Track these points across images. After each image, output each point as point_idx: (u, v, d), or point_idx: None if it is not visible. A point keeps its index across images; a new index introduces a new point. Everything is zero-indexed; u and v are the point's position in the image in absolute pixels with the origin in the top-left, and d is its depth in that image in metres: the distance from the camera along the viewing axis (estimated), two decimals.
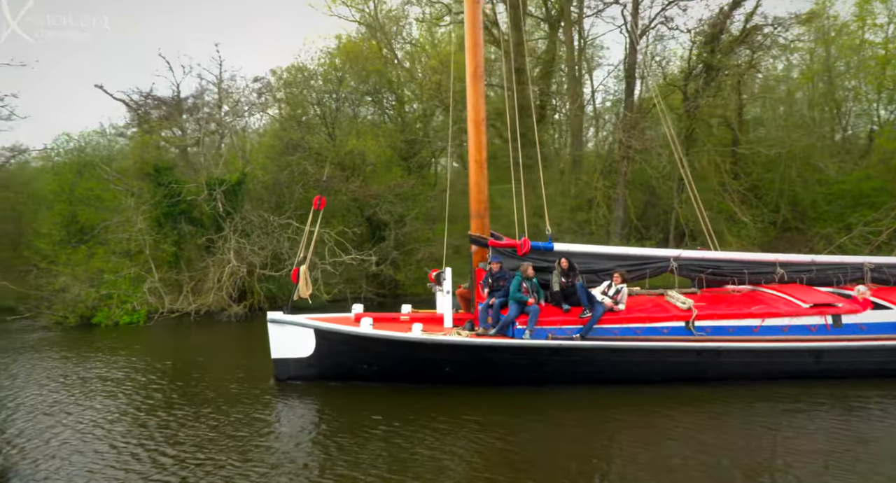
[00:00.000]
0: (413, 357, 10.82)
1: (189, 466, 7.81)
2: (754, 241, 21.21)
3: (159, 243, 17.50)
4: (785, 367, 10.54)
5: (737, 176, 22.91)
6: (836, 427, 8.66)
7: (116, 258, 17.34)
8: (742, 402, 9.69)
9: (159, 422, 9.47)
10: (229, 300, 16.80)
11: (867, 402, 9.62)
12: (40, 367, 12.96)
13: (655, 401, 9.76)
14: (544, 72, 24.14)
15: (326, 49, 22.01)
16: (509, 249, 11.96)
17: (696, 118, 22.34)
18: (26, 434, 9.11)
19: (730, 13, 22.16)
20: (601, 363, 10.58)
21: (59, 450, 8.48)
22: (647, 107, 23.99)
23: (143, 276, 17.22)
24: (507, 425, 8.95)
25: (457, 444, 8.30)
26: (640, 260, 12.32)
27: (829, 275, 12.30)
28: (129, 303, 16.41)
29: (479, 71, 12.14)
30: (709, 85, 21.88)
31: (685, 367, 10.55)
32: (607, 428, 8.89)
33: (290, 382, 11.21)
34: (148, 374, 12.22)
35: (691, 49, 23.11)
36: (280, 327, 11.26)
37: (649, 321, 10.86)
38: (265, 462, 7.85)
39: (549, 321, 10.91)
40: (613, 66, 27.04)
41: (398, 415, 9.44)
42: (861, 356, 10.52)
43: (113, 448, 8.49)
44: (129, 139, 20.76)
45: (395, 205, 18.79)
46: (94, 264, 17.66)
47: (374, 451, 8.12)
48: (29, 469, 7.88)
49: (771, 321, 10.80)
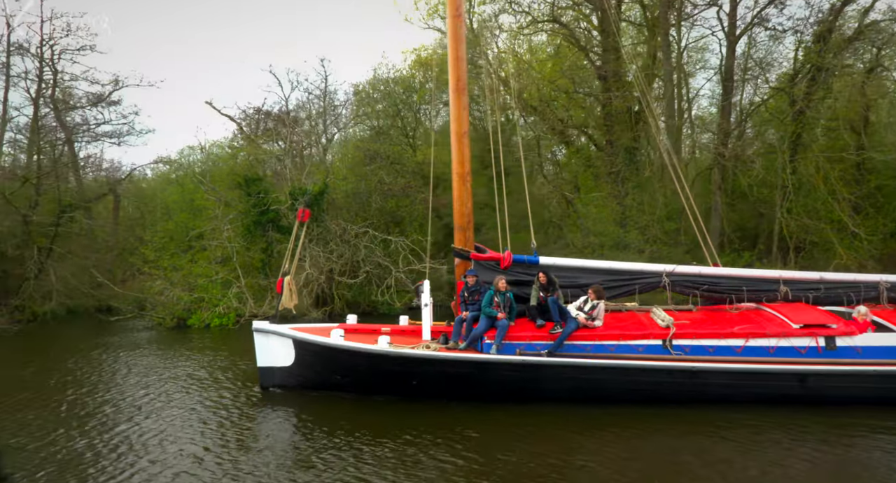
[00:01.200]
0: (380, 370, 10.69)
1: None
2: (870, 255, 19.35)
3: (249, 250, 18.47)
4: (766, 390, 9.79)
5: (852, 183, 21.05)
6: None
7: (209, 264, 18.46)
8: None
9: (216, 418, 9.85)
10: (309, 306, 17.41)
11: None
12: (140, 363, 14.03)
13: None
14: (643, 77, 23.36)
15: (406, 61, 22.50)
16: (492, 262, 11.77)
17: (803, 123, 20.81)
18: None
19: (841, 9, 20.55)
20: (568, 381, 10.13)
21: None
22: (746, 111, 22.62)
23: (233, 281, 18.21)
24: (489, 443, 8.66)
25: (419, 460, 8.10)
26: (630, 275, 11.81)
27: (839, 294, 11.34)
28: (219, 306, 17.39)
29: (461, 84, 12.24)
30: (819, 87, 20.35)
31: (657, 387, 9.97)
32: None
33: (273, 390, 11.38)
34: (225, 372, 12.93)
35: (797, 50, 21.63)
36: (264, 336, 11.44)
37: (624, 338, 10.36)
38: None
39: (519, 336, 10.62)
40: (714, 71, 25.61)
41: (371, 427, 9.33)
42: (851, 382, 9.61)
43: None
44: (230, 151, 22.16)
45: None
46: (195, 270, 18.94)
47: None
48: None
49: (756, 342, 10.08)
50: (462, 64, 12.28)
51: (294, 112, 25.27)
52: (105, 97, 27.14)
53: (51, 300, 20.50)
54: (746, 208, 22.90)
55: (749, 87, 23.48)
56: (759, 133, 22.22)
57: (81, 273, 21.08)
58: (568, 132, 23.92)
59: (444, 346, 10.82)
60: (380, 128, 20.15)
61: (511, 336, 10.58)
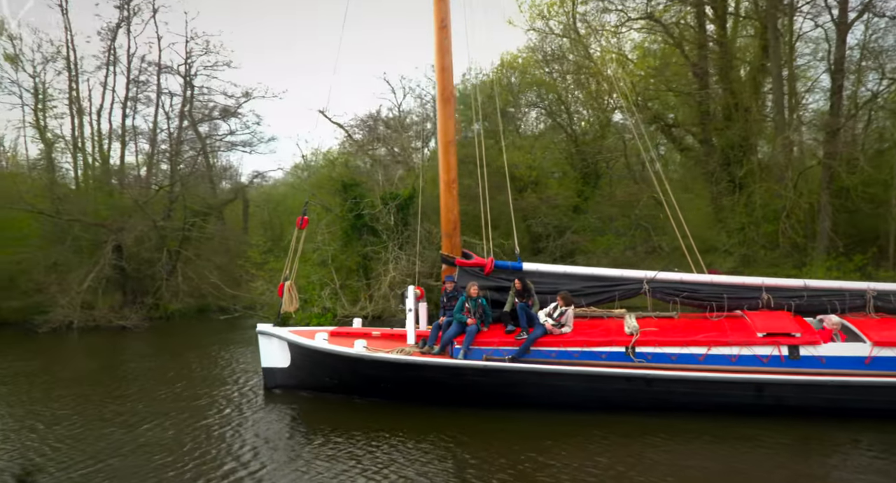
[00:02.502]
0: (357, 372, 11.06)
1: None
2: None
3: (344, 253, 19.72)
4: (725, 399, 9.64)
5: None
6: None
7: (309, 266, 19.89)
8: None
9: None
10: (397, 307, 18.32)
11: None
12: (244, 359, 15.57)
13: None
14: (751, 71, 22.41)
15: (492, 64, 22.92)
16: (477, 268, 11.95)
17: None
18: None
19: None
20: (531, 387, 10.23)
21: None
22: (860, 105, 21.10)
23: (328, 283, 19.52)
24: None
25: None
26: (611, 281, 11.81)
27: (822, 302, 10.98)
28: (315, 306, 18.72)
29: (447, 94, 12.67)
30: None
31: (617, 394, 9.92)
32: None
33: (276, 391, 11.99)
34: None
35: None
36: (267, 338, 12.00)
37: (589, 345, 10.43)
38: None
39: (487, 342, 10.79)
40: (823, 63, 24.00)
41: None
42: (809, 392, 9.41)
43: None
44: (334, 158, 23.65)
45: (551, 217, 18.91)
46: (306, 271, 20.48)
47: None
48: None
49: (718, 350, 9.98)
50: (448, 74, 12.73)
51: (405, 117, 26.70)
52: (235, 109, 29.95)
53: (178, 300, 22.93)
54: (862, 209, 21.35)
55: (864, 79, 21.86)
56: (874, 129, 20.66)
57: (207, 274, 23.33)
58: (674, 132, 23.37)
59: (419, 351, 11.09)
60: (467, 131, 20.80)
61: (482, 341, 10.80)
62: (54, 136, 27.34)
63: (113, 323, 21.53)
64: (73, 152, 27.38)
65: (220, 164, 33.21)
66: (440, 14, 12.72)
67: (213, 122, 30.83)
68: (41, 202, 23.72)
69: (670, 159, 24.58)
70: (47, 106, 27.51)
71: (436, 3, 12.83)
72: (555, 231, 19.02)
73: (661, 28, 22.08)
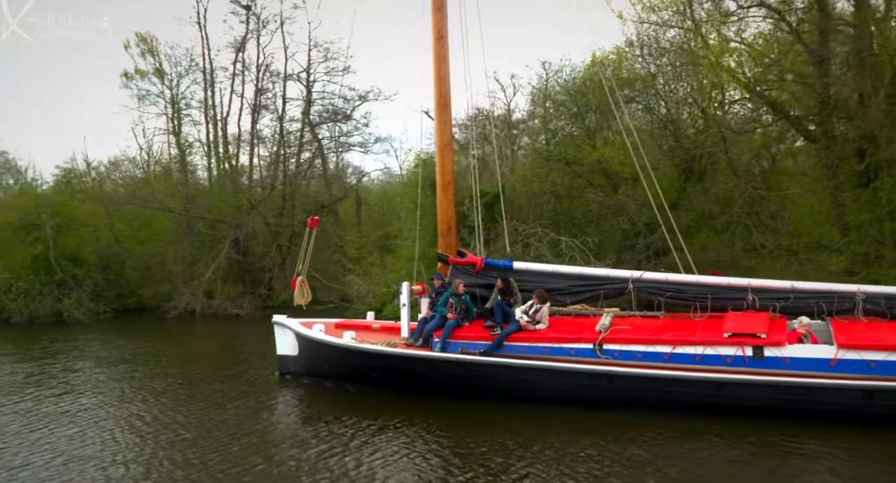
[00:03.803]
0: (347, 362, 11.87)
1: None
2: None
3: (434, 248, 20.12)
4: (683, 397, 9.68)
5: None
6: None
7: (402, 261, 20.56)
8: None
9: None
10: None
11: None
12: None
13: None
14: None
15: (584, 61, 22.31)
16: (469, 266, 12.52)
17: None
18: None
19: None
20: (501, 380, 10.61)
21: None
22: None
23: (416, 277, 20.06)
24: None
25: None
26: (597, 280, 12.14)
27: (809, 304, 10.75)
28: None
29: (443, 101, 13.22)
30: None
31: (582, 389, 10.15)
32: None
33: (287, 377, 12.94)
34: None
35: None
36: (280, 328, 13.01)
37: (559, 341, 10.72)
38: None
39: (465, 336, 11.37)
40: None
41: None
42: (766, 392, 9.34)
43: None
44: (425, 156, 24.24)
45: (641, 214, 18.20)
46: (397, 266, 21.25)
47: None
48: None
49: (683, 349, 10.02)
50: (445, 83, 13.22)
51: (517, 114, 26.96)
52: (350, 111, 31.55)
53: (286, 291, 24.55)
54: None
55: None
56: None
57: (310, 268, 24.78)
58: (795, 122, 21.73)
59: (404, 343, 11.73)
60: (557, 129, 20.60)
61: (461, 336, 11.38)
62: (187, 142, 30.24)
63: (229, 311, 23.46)
64: (209, 154, 30.23)
65: (343, 163, 35.17)
66: (437, 25, 13.22)
67: (331, 124, 32.67)
68: (172, 202, 26.29)
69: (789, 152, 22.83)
70: (182, 114, 30.54)
71: (433, 14, 13.31)
72: (646, 228, 18.36)
73: (776, 15, 20.60)
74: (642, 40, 20.42)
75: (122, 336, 20.01)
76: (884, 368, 9.01)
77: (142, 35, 30.10)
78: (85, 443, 9.11)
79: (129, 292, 26.13)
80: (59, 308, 23.08)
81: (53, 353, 16.82)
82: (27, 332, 20.83)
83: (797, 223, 17.21)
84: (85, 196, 27.88)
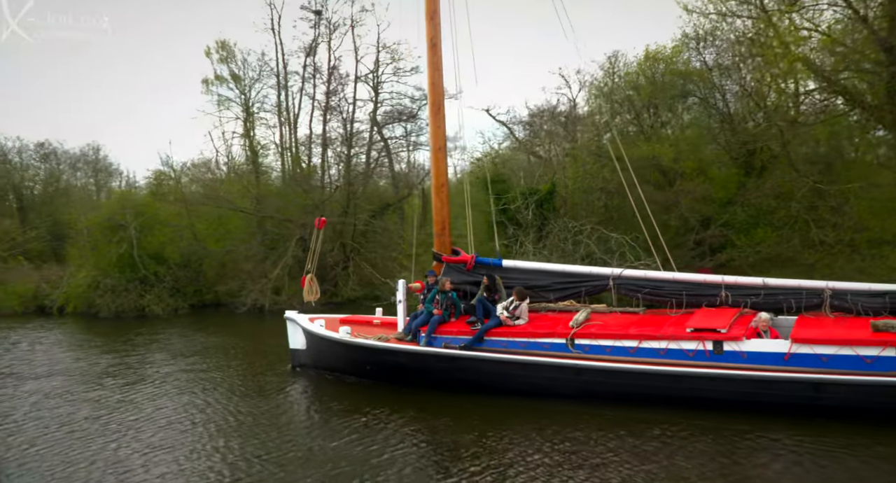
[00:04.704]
0: (343, 355, 12.77)
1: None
2: None
3: (483, 244, 20.44)
4: (647, 390, 10.08)
5: None
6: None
7: None
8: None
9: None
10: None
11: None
12: None
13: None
14: None
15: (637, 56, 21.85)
16: (461, 264, 13.18)
17: None
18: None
19: None
20: (480, 373, 11.19)
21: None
22: None
23: None
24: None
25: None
26: (580, 277, 12.59)
27: (779, 300, 11.00)
28: None
29: (437, 106, 13.81)
30: None
31: (553, 383, 10.62)
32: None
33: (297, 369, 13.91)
34: None
35: None
36: (291, 324, 14.01)
37: (535, 336, 11.31)
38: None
39: (449, 331, 12.01)
40: None
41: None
42: (723, 385, 9.65)
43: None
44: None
45: (693, 211, 17.83)
46: None
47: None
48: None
49: (649, 344, 10.47)
50: (438, 89, 13.85)
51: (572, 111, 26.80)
52: (416, 111, 32.13)
53: (348, 288, 25.60)
54: None
55: None
56: None
57: (369, 265, 25.71)
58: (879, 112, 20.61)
59: (395, 338, 12.50)
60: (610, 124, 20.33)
61: (446, 331, 12.03)
62: (260, 144, 31.79)
63: (295, 307, 24.55)
64: (282, 156, 31.69)
65: (414, 162, 35.83)
66: (430, 33, 13.79)
67: (397, 123, 33.37)
68: (243, 202, 27.77)
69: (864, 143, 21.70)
70: (255, 117, 32.11)
71: (426, 23, 13.80)
72: (699, 225, 17.96)
73: (843, 2, 19.62)
74: (698, 33, 19.89)
75: (197, 330, 21.45)
76: (835, 362, 9.30)
77: (221, 42, 31.90)
78: (139, 428, 10.11)
79: (206, 288, 27.81)
80: (141, 303, 24.90)
81: (135, 346, 18.32)
82: (114, 326, 22.64)
83: (859, 218, 16.42)
84: (167, 198, 29.86)
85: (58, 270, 28.90)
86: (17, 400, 12.20)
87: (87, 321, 24.14)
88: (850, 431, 8.58)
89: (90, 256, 26.37)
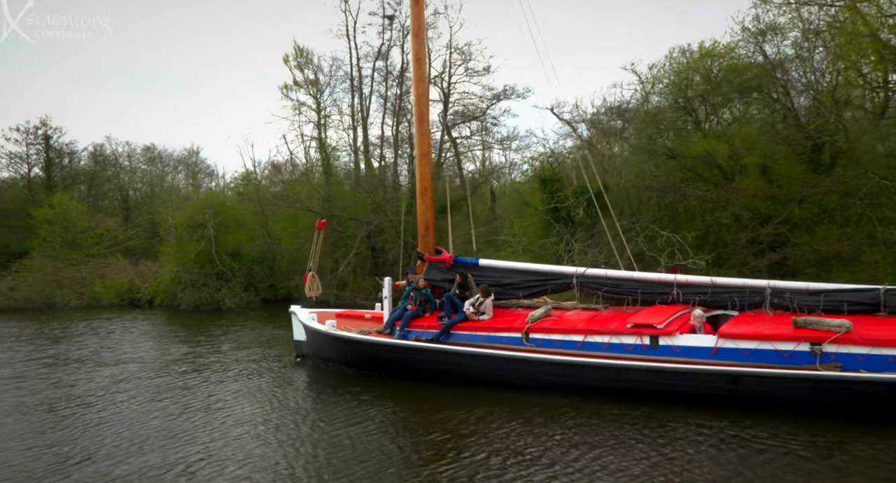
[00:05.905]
0: (331, 346, 13.81)
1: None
2: None
3: (538, 243, 20.65)
4: (590, 382, 10.69)
5: None
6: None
7: (506, 254, 21.28)
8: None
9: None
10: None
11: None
12: None
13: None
14: None
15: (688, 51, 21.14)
16: (441, 263, 14.05)
17: None
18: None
19: None
20: (445, 365, 11.95)
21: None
22: None
23: None
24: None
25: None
26: (546, 276, 13.41)
27: (724, 298, 11.66)
28: None
29: (423, 114, 14.62)
30: None
31: (510, 374, 11.38)
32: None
33: (298, 360, 14.95)
34: None
35: None
36: (294, 317, 15.22)
37: (495, 330, 12.19)
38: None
39: (422, 325, 13.00)
40: None
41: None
42: (655, 377, 10.22)
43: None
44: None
45: (746, 209, 17.24)
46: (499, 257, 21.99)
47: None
48: None
49: (594, 338, 11.17)
50: (424, 99, 14.75)
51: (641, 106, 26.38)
52: (486, 110, 32.52)
53: None
54: None
55: None
56: None
57: None
58: None
59: (377, 331, 13.35)
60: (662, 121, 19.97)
61: (419, 325, 13.03)
62: (331, 146, 33.18)
63: (357, 302, 25.59)
64: (356, 158, 32.99)
65: (487, 161, 36.24)
66: (416, 49, 14.67)
67: (467, 123, 33.85)
68: (312, 202, 29.09)
69: None
70: (327, 120, 33.52)
71: (412, 39, 14.51)
72: (756, 222, 17.33)
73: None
74: (759, 27, 19.15)
75: (267, 323, 22.77)
76: (755, 356, 9.88)
77: (300, 48, 33.51)
78: (188, 412, 11.05)
79: (279, 284, 29.38)
80: (217, 297, 26.65)
81: (209, 336, 19.72)
82: (193, 318, 24.40)
83: None
84: (244, 197, 31.71)
85: (151, 266, 31.36)
86: (107, 380, 13.55)
87: (171, 313, 26.13)
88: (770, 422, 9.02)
89: (174, 253, 28.45)
